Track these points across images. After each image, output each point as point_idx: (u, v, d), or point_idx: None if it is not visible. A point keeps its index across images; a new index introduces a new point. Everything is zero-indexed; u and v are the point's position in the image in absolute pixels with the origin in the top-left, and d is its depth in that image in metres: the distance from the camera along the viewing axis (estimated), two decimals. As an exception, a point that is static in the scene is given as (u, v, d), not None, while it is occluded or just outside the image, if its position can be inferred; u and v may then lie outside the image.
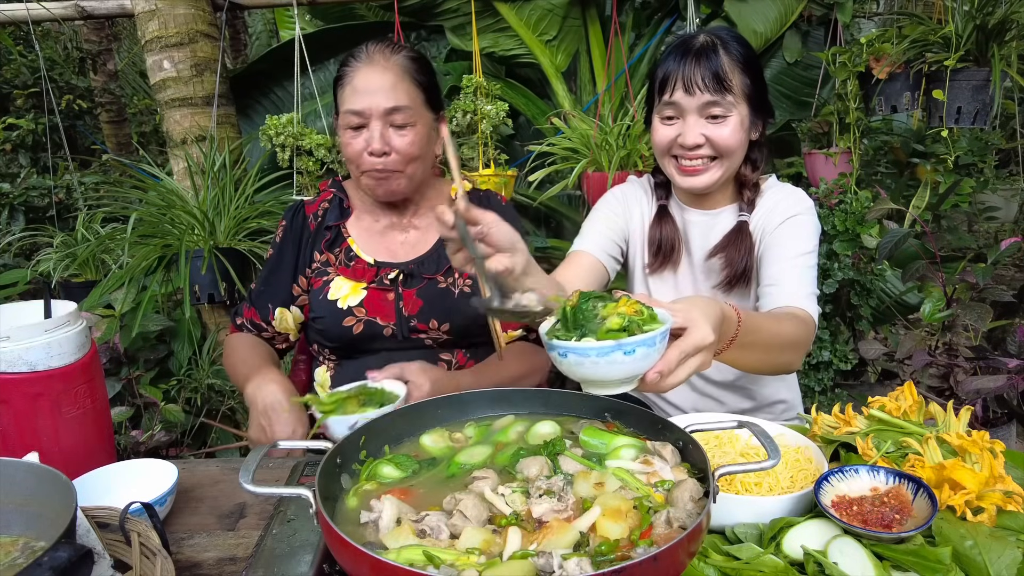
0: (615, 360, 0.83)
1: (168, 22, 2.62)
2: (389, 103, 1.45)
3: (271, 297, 1.63)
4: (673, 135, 1.47)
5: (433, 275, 1.57)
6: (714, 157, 1.47)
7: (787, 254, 1.44)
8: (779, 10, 3.07)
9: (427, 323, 1.54)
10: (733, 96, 1.43)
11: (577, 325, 0.88)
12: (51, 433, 1.12)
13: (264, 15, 6.81)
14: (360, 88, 1.46)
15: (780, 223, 1.49)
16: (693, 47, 1.44)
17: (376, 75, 1.47)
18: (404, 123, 1.48)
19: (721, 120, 1.44)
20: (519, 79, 3.44)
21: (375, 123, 1.46)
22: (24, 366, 1.07)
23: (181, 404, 2.40)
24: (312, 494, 0.76)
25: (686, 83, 1.42)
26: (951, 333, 2.18)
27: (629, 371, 0.84)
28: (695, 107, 1.43)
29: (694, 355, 0.91)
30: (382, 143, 1.46)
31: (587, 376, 0.86)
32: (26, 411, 1.09)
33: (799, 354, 1.35)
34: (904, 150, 3.36)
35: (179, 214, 2.47)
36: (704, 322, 0.93)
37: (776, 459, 0.83)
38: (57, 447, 1.13)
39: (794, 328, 1.29)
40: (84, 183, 3.36)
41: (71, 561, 0.74)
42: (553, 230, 3.36)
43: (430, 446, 0.98)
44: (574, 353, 0.85)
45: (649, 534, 0.76)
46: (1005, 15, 2.27)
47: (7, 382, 1.06)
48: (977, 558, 0.87)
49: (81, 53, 4.33)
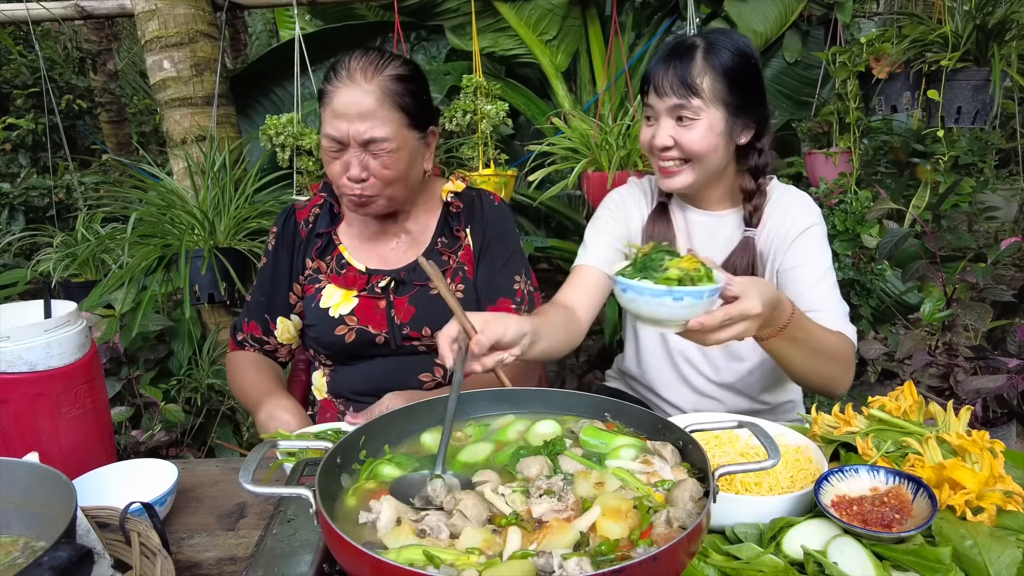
0: (664, 303, 0.99)
1: (168, 22, 2.62)
2: (367, 134, 1.39)
3: (270, 308, 1.62)
4: (649, 135, 1.50)
5: (424, 282, 1.54)
6: (686, 160, 1.47)
7: (816, 272, 1.45)
8: (779, 10, 3.07)
9: (419, 331, 1.52)
10: (701, 100, 1.42)
11: (643, 269, 1.03)
12: (51, 433, 1.12)
13: (264, 15, 6.81)
14: (339, 112, 1.40)
15: (798, 236, 1.48)
16: (671, 50, 1.46)
17: (356, 98, 1.39)
18: (384, 151, 1.42)
19: (689, 123, 1.44)
20: (519, 79, 3.44)
21: (352, 149, 1.41)
22: (24, 366, 1.07)
23: (181, 404, 2.40)
24: (312, 494, 0.76)
25: (657, 85, 1.45)
26: (951, 333, 2.18)
27: (676, 315, 1.00)
28: (664, 109, 1.45)
29: (739, 321, 1.05)
30: (360, 169, 1.41)
31: (640, 311, 1.02)
32: (26, 411, 1.09)
33: (844, 370, 1.37)
34: (904, 150, 3.37)
35: (179, 214, 2.47)
36: (756, 296, 1.05)
37: (776, 459, 0.83)
38: (57, 447, 1.13)
39: (839, 342, 1.35)
40: (84, 183, 3.36)
41: (71, 561, 0.75)
42: (553, 230, 3.36)
43: (431, 444, 0.98)
44: (632, 290, 1.00)
45: (649, 534, 0.76)
46: (1005, 15, 2.27)
47: (7, 382, 1.06)
48: (977, 558, 0.87)
49: (81, 53, 4.32)
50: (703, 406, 1.65)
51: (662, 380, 1.70)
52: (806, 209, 1.52)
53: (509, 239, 1.61)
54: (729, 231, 1.57)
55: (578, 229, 1.67)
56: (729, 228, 1.58)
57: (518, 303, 1.57)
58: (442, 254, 1.58)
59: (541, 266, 3.44)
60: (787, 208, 1.53)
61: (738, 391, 1.65)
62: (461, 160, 2.77)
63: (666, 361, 1.69)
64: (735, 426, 0.97)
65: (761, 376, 1.63)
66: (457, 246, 1.59)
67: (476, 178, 2.56)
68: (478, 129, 2.65)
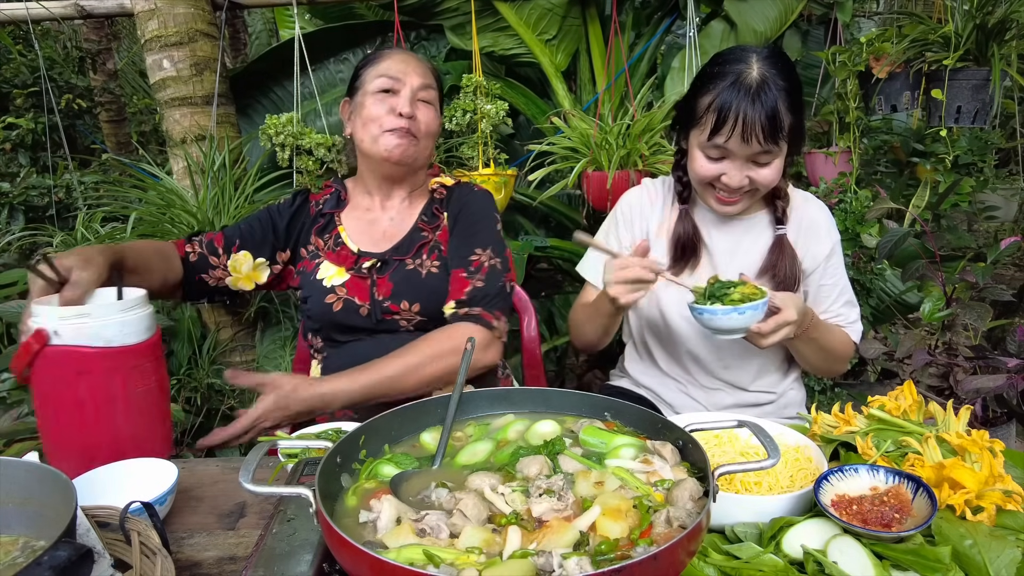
0: (732, 317, 1.32)
1: (168, 21, 2.62)
2: (422, 79, 1.60)
3: (243, 237, 1.67)
4: (716, 172, 1.48)
5: (403, 258, 1.62)
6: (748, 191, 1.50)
7: (839, 288, 1.63)
8: (779, 9, 3.06)
9: (398, 304, 1.57)
10: (783, 139, 1.43)
11: (711, 296, 1.37)
12: (123, 407, 1.20)
13: (264, 14, 6.80)
14: (396, 64, 1.60)
15: (828, 256, 1.61)
16: (749, 87, 1.38)
17: (410, 60, 1.62)
18: (430, 101, 1.61)
19: (765, 164, 1.45)
20: (519, 78, 3.44)
21: (406, 91, 1.58)
22: (101, 341, 1.16)
23: (181, 403, 2.40)
24: (312, 493, 0.76)
25: (745, 131, 1.39)
26: (951, 332, 2.18)
27: (740, 324, 1.33)
28: (745, 155, 1.44)
29: (784, 327, 1.38)
30: (411, 108, 1.57)
31: (716, 326, 1.35)
32: (102, 384, 1.17)
33: (842, 361, 1.65)
34: (904, 149, 3.37)
35: (179, 213, 2.46)
36: (792, 308, 1.39)
37: (776, 458, 0.83)
38: (127, 421, 1.21)
39: (843, 340, 1.62)
40: (84, 182, 3.36)
41: (71, 560, 0.74)
42: (553, 230, 3.35)
43: (431, 443, 0.98)
44: (708, 312, 1.34)
45: (649, 533, 0.76)
46: (1005, 14, 2.27)
47: (87, 355, 1.15)
48: (977, 557, 0.87)
49: (81, 52, 4.32)
50: (705, 400, 1.66)
51: (664, 377, 1.72)
52: (829, 224, 1.64)
53: (477, 217, 1.66)
54: (758, 233, 1.62)
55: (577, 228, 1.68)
56: (756, 229, 1.62)
57: (471, 272, 1.58)
58: (422, 230, 1.65)
59: (541, 266, 3.44)
60: (804, 206, 1.63)
61: (737, 385, 1.66)
62: (461, 159, 2.77)
63: (668, 360, 1.70)
64: (735, 425, 0.97)
65: (759, 367, 1.65)
66: (436, 224, 1.67)
67: (476, 177, 2.56)
68: (478, 129, 2.65)
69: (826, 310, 1.63)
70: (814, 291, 1.63)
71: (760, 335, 1.37)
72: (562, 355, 3.10)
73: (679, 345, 1.66)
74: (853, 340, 1.64)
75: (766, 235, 1.61)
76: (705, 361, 1.65)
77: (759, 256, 1.60)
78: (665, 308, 1.64)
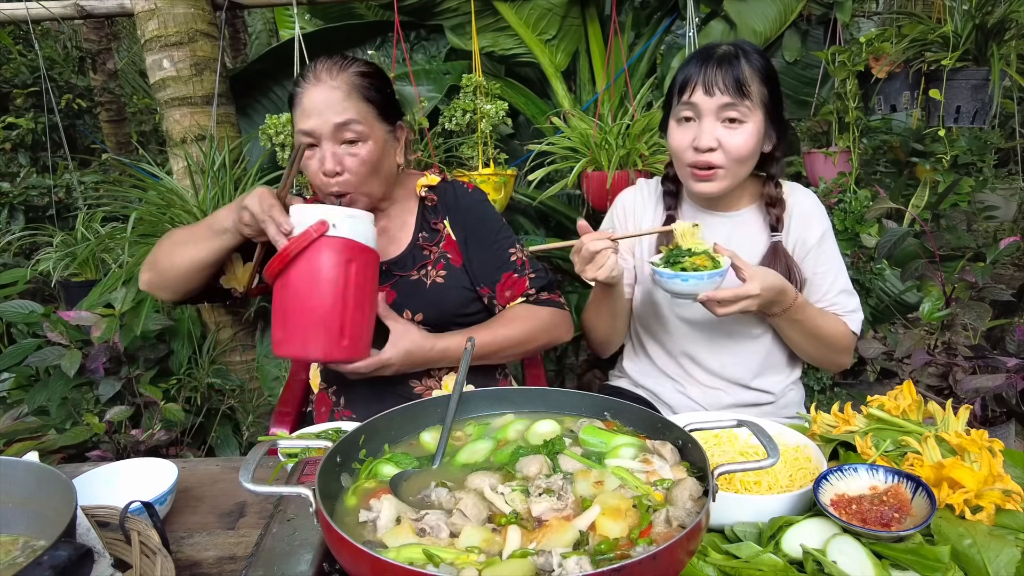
0: (677, 283, 1.38)
1: (168, 21, 2.62)
2: (337, 118, 1.43)
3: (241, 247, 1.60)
4: (689, 139, 1.49)
5: (405, 273, 1.60)
6: (720, 167, 1.49)
7: (831, 276, 1.60)
8: (779, 9, 3.06)
9: (401, 313, 1.56)
10: (751, 102, 1.45)
11: (671, 261, 1.43)
12: (369, 299, 1.38)
13: (264, 14, 6.79)
14: (308, 108, 1.44)
15: (815, 245, 1.59)
16: (715, 53, 1.48)
17: (323, 94, 1.44)
18: (355, 139, 1.45)
19: (737, 125, 1.46)
20: (519, 78, 3.44)
21: (326, 143, 1.44)
22: (364, 240, 1.34)
23: (181, 403, 2.40)
24: (312, 493, 0.76)
25: (706, 85, 1.45)
26: (950, 332, 2.18)
27: (689, 289, 1.39)
28: (713, 108, 1.46)
29: (743, 299, 1.38)
30: (334, 163, 1.44)
31: (668, 287, 1.42)
32: (363, 272, 1.34)
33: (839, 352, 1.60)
34: (903, 149, 3.36)
35: (179, 213, 2.46)
36: (757, 283, 1.38)
37: (775, 458, 0.83)
38: (369, 313, 1.38)
39: (836, 328, 1.57)
40: (84, 182, 3.36)
41: (71, 560, 0.75)
42: (552, 229, 3.35)
43: (430, 443, 0.98)
44: (658, 275, 1.40)
45: (648, 533, 0.76)
46: (1004, 14, 2.26)
47: (358, 247, 1.33)
48: (976, 557, 0.88)
49: (81, 52, 4.32)
50: (703, 400, 1.66)
51: (662, 377, 1.72)
52: (817, 206, 1.63)
53: (490, 220, 1.66)
54: (748, 229, 1.62)
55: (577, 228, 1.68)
56: (747, 227, 1.62)
57: (520, 270, 1.62)
58: (424, 249, 1.62)
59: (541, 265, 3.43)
60: (799, 201, 1.62)
61: (736, 384, 1.66)
62: (461, 159, 2.77)
63: (664, 358, 1.71)
64: (734, 425, 0.97)
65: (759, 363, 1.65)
66: (437, 238, 1.64)
67: (476, 177, 2.56)
68: (478, 128, 2.65)
69: (821, 299, 1.60)
70: (808, 280, 1.61)
71: (717, 303, 1.39)
72: (562, 355, 3.10)
73: (674, 343, 1.67)
74: (852, 330, 1.59)
75: (760, 239, 1.62)
76: (701, 359, 1.65)
77: (752, 260, 1.59)
78: (658, 304, 1.65)
